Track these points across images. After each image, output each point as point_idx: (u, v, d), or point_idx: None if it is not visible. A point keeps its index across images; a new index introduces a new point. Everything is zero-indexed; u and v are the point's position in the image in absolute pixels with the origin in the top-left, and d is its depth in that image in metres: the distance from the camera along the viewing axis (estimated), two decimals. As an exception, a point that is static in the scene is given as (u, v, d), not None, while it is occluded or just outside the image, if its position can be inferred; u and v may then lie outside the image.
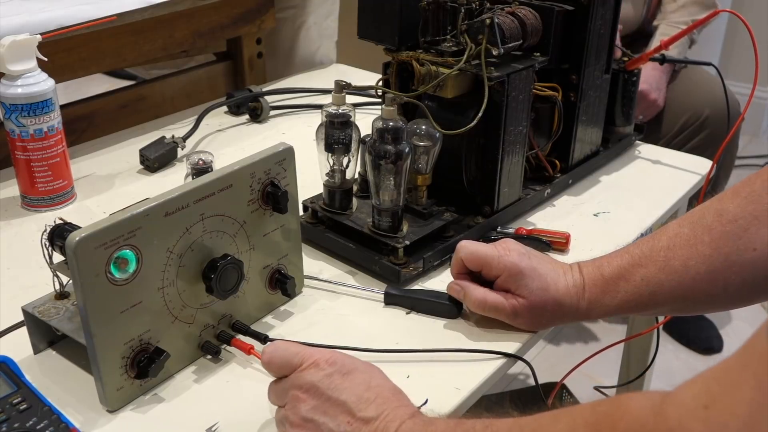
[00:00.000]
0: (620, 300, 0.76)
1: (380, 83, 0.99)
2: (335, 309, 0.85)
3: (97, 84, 1.76)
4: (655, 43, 1.81)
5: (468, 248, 0.81)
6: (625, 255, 0.77)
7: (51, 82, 1.00)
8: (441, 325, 0.83)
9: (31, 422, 0.65)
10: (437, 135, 0.90)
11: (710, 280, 0.71)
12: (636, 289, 0.75)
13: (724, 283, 0.71)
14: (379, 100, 0.95)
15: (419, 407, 0.71)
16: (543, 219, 1.03)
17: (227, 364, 0.76)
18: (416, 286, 0.88)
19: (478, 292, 0.80)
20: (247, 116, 1.34)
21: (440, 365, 0.77)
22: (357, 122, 0.92)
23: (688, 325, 2.07)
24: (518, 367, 0.82)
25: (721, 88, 1.88)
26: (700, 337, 2.06)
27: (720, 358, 1.99)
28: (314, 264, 0.92)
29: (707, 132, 1.82)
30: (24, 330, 0.77)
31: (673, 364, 1.99)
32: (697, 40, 1.89)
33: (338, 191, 0.93)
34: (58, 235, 0.73)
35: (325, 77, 1.53)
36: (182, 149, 1.18)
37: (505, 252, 0.79)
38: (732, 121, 1.82)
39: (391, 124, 0.86)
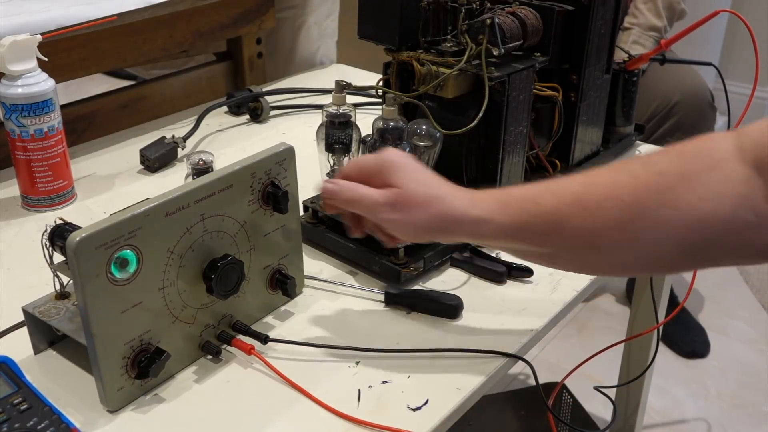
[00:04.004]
0: (521, 221, 0.69)
1: (380, 83, 0.99)
2: (336, 309, 0.85)
3: (97, 84, 1.76)
4: (626, 46, 1.82)
5: (351, 163, 0.77)
6: (538, 183, 0.71)
7: (51, 82, 1.00)
8: (441, 325, 0.83)
9: (31, 422, 0.64)
10: (438, 135, 0.91)
11: (621, 229, 0.66)
12: (542, 213, 0.69)
13: (634, 235, 0.66)
14: (380, 100, 0.95)
15: (419, 407, 0.71)
16: (543, 219, 1.03)
17: (228, 364, 0.77)
18: (416, 287, 0.88)
19: (350, 184, 0.74)
20: (247, 116, 1.34)
21: (440, 365, 0.77)
22: (357, 122, 0.92)
23: (675, 327, 2.05)
24: (518, 367, 0.82)
25: (690, 75, 1.88)
26: (684, 340, 2.04)
27: (707, 364, 1.98)
28: (315, 264, 0.92)
29: (676, 118, 1.83)
30: (24, 330, 0.77)
31: (674, 364, 1.99)
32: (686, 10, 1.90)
33: (338, 191, 0.93)
34: (58, 235, 0.73)
35: (325, 77, 1.53)
36: (182, 149, 1.18)
37: (383, 151, 0.75)
38: (704, 109, 1.82)
39: (391, 124, 0.86)
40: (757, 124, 0.65)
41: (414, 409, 0.71)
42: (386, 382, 0.74)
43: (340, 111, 0.91)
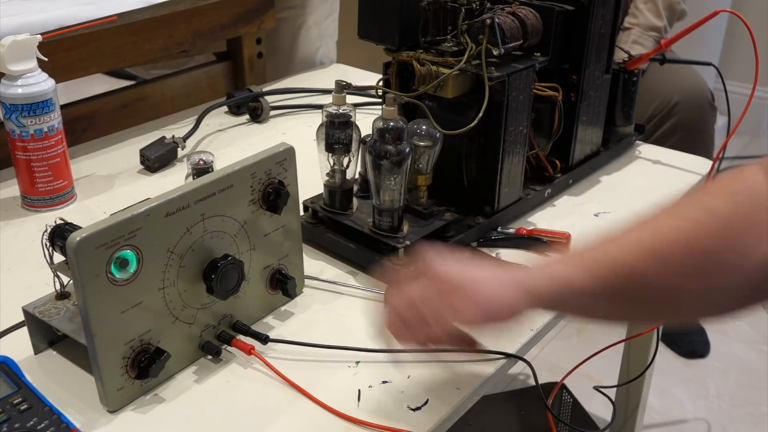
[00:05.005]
0: (602, 280, 0.65)
1: (381, 83, 0.99)
2: (336, 309, 0.85)
3: (97, 84, 1.75)
4: (626, 46, 1.81)
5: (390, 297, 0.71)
6: (600, 240, 0.68)
7: (51, 82, 1.00)
8: (441, 325, 0.82)
9: (31, 422, 0.64)
10: (438, 135, 0.90)
11: (692, 277, 0.63)
12: (623, 272, 0.65)
13: (705, 282, 0.63)
14: (380, 100, 0.95)
15: (419, 407, 0.71)
16: (543, 219, 1.03)
17: (228, 364, 0.77)
18: (417, 286, 0.88)
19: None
20: (247, 116, 1.34)
21: (440, 365, 0.77)
22: (357, 122, 0.92)
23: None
24: (518, 367, 0.82)
25: (690, 75, 1.87)
26: (684, 340, 2.04)
27: (707, 364, 1.98)
28: (315, 264, 0.92)
29: (676, 118, 1.82)
30: (24, 330, 0.77)
31: (674, 364, 1.99)
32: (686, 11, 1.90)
33: (338, 191, 0.93)
34: (58, 236, 0.73)
35: (325, 77, 1.53)
36: (182, 149, 1.18)
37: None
38: (704, 109, 1.82)
39: (391, 124, 0.86)
40: None
41: (414, 409, 0.71)
42: (386, 382, 0.74)
43: (340, 111, 0.90)
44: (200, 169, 0.94)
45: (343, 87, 0.91)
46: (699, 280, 0.64)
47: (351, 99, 0.93)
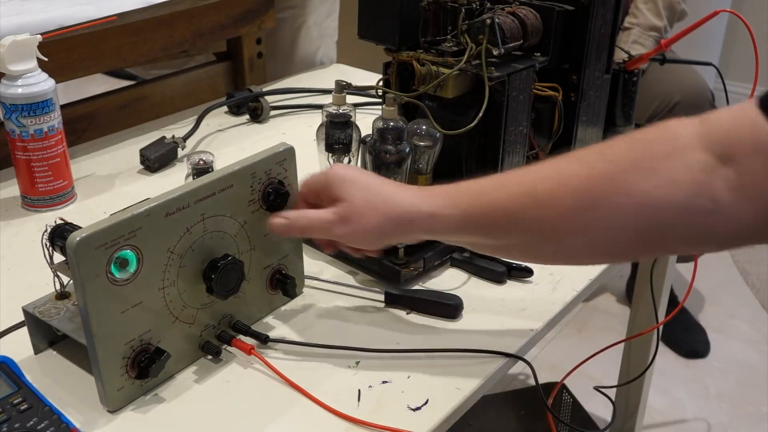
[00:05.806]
0: (473, 213, 0.69)
1: (381, 83, 0.99)
2: (336, 309, 0.85)
3: (97, 84, 1.76)
4: (626, 46, 1.81)
5: (302, 184, 0.79)
6: (490, 177, 0.72)
7: (51, 82, 1.00)
8: (441, 325, 0.83)
9: (31, 422, 0.65)
10: (438, 135, 0.91)
11: (575, 216, 0.65)
12: (493, 206, 0.69)
13: (589, 222, 0.65)
14: (380, 100, 0.95)
15: (419, 407, 0.71)
16: (543, 219, 1.03)
17: (228, 364, 0.77)
18: (417, 287, 0.88)
19: (298, 213, 0.76)
20: (247, 116, 1.34)
21: (440, 365, 0.77)
22: (357, 122, 0.92)
23: (675, 327, 2.05)
24: (518, 367, 0.82)
25: (691, 75, 1.87)
26: (684, 341, 2.04)
27: (707, 364, 1.98)
28: (315, 264, 0.92)
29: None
30: (24, 330, 0.77)
31: (674, 364, 1.99)
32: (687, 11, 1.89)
33: (338, 191, 0.93)
34: (58, 235, 0.73)
35: (325, 77, 1.53)
36: (182, 149, 1.18)
37: (330, 168, 0.77)
38: (704, 109, 1.82)
39: (391, 124, 0.86)
40: (723, 112, 0.64)
41: (414, 409, 0.71)
42: (386, 382, 0.74)
43: (340, 111, 0.91)
44: (200, 169, 0.94)
45: (343, 87, 0.91)
46: (583, 220, 0.66)
47: (351, 99, 0.93)
